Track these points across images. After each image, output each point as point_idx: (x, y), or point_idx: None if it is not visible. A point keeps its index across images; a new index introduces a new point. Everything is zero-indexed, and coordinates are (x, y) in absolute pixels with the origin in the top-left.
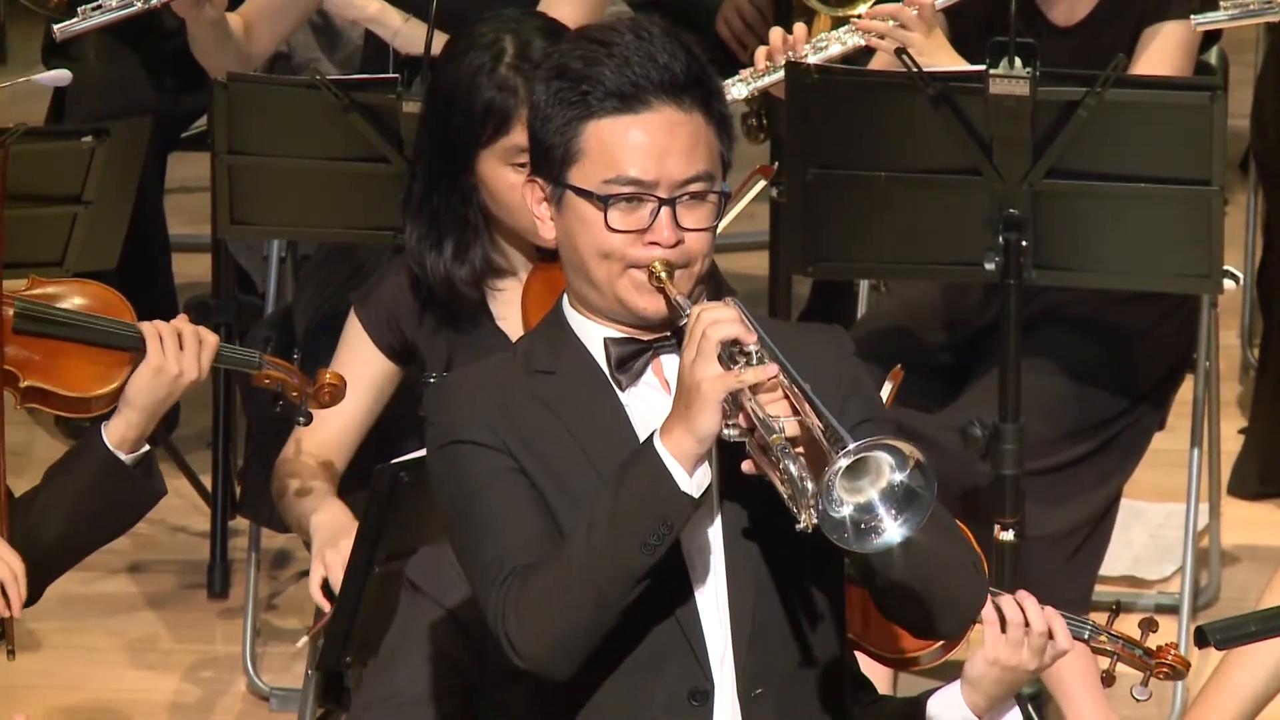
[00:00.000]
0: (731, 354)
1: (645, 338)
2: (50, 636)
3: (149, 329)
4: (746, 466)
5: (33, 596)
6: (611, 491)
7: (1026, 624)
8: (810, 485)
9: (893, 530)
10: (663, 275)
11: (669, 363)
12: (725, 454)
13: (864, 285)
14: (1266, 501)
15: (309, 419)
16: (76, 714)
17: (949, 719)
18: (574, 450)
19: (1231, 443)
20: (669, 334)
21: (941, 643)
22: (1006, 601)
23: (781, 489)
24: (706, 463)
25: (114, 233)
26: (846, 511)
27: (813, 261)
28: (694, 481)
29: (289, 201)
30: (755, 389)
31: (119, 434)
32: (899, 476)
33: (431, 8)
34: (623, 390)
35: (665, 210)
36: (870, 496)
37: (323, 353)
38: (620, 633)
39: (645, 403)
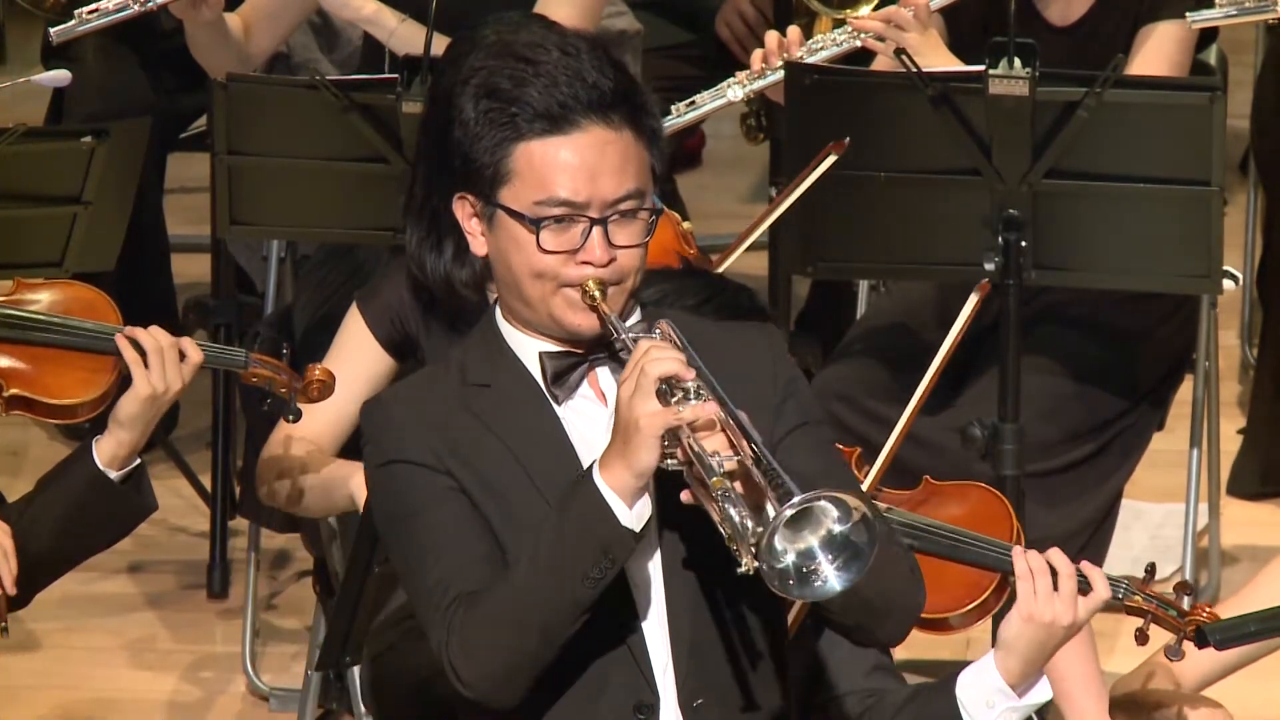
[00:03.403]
0: (670, 388)
1: (580, 350)
2: (50, 636)
3: (129, 352)
4: (685, 497)
5: (21, 602)
6: (553, 525)
7: (1054, 574)
8: (750, 525)
9: (833, 579)
10: (596, 294)
11: (604, 375)
12: (663, 483)
13: (864, 285)
14: (1266, 501)
15: (298, 415)
16: (76, 714)
17: (982, 689)
18: (512, 466)
19: (1231, 443)
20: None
21: (973, 605)
22: (1032, 555)
23: (721, 528)
24: (646, 494)
25: (113, 233)
26: (789, 560)
27: (813, 261)
28: (634, 514)
29: (289, 201)
30: (694, 425)
31: (110, 452)
32: (840, 527)
33: (431, 9)
34: (559, 404)
35: (597, 230)
36: (811, 544)
37: (322, 352)
38: (565, 651)
39: (582, 416)
